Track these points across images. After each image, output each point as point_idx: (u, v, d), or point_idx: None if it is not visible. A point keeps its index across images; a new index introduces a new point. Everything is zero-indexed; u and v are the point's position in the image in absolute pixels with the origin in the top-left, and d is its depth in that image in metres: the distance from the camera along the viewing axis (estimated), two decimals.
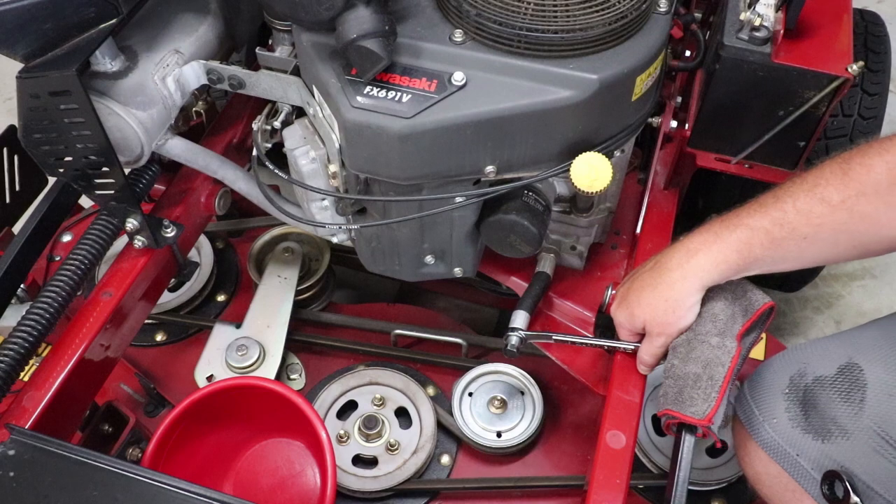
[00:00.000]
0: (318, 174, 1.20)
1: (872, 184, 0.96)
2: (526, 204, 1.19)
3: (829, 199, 0.98)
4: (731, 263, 1.04)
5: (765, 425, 1.04)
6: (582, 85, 1.01)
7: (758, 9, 1.20)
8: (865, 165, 0.97)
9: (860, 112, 1.61)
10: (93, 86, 1.10)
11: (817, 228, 0.98)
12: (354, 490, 1.42)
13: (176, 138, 1.24)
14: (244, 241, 1.84)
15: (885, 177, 0.95)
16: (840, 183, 0.98)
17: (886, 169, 0.95)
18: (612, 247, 1.47)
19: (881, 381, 1.00)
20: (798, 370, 1.06)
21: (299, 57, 1.15)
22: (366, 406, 1.53)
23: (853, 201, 0.96)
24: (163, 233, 1.25)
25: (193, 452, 1.31)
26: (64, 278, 1.15)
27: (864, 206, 0.96)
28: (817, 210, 0.98)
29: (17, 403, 1.09)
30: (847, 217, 0.97)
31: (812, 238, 0.99)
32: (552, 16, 0.99)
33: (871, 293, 2.08)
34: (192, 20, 1.23)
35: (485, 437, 1.46)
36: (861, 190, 0.96)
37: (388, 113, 1.02)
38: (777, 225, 1.01)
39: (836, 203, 0.97)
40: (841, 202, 0.97)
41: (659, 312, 1.09)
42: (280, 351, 1.53)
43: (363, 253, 1.35)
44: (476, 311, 1.90)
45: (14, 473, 0.92)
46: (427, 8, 1.08)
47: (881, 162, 0.96)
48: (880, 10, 1.84)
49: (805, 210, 0.99)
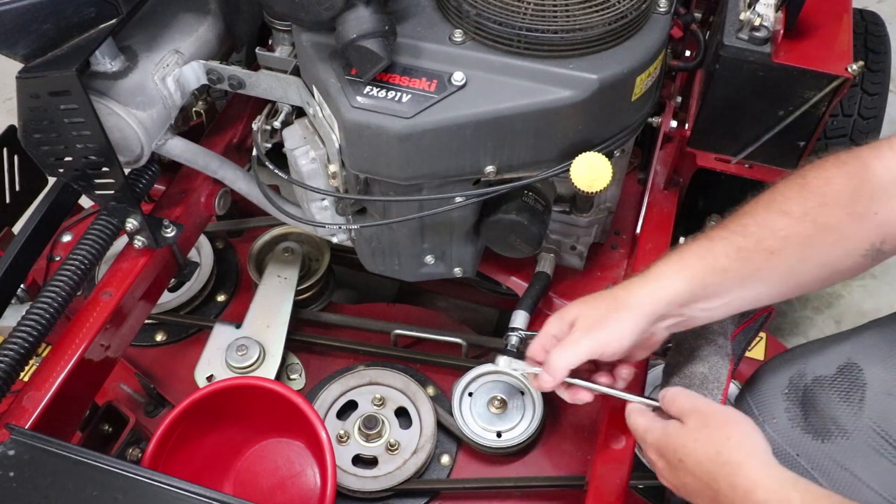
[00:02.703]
0: (318, 174, 1.20)
1: (833, 195, 0.94)
2: (526, 204, 1.19)
3: (790, 211, 0.95)
4: (696, 271, 0.97)
5: (765, 425, 1.04)
6: (582, 85, 1.01)
7: (758, 9, 1.20)
8: (822, 178, 0.95)
9: (860, 112, 1.62)
10: (93, 86, 1.10)
11: (783, 241, 0.95)
12: (354, 490, 1.42)
13: (176, 138, 1.24)
14: (244, 241, 1.84)
15: (845, 187, 0.94)
16: (799, 196, 0.96)
17: (845, 180, 0.94)
18: (612, 247, 1.47)
19: (881, 380, 1.00)
20: (797, 370, 1.06)
21: (299, 57, 1.15)
22: (366, 406, 1.53)
23: (816, 212, 0.94)
24: (163, 233, 1.25)
25: (193, 452, 1.31)
26: (64, 278, 1.15)
27: (828, 216, 0.94)
28: (780, 223, 0.95)
29: (17, 403, 1.09)
30: (812, 229, 0.94)
31: (779, 253, 0.95)
32: (552, 16, 0.99)
33: (871, 293, 2.08)
34: (192, 20, 1.23)
35: (485, 437, 1.46)
36: (822, 201, 0.94)
37: (388, 113, 1.02)
38: (740, 236, 0.97)
39: (799, 215, 0.95)
40: (803, 214, 0.94)
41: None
42: (280, 351, 1.53)
43: (363, 253, 1.35)
44: (476, 311, 1.90)
45: (14, 473, 0.92)
46: (427, 8, 1.08)
47: (839, 174, 0.95)
48: (880, 10, 1.84)
49: (768, 223, 0.96)
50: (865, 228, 0.94)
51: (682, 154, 1.39)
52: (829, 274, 0.98)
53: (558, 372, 0.99)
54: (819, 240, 0.95)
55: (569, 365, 0.99)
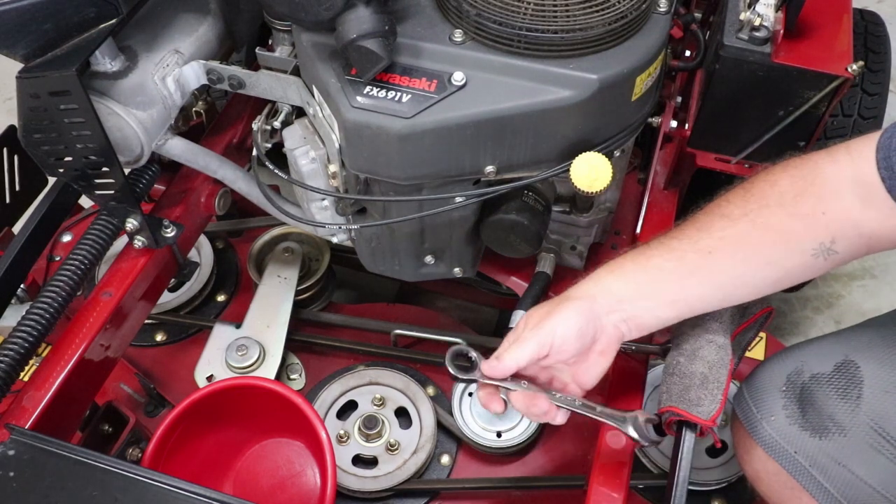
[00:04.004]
0: (318, 174, 1.20)
1: (775, 196, 0.94)
2: (526, 204, 1.19)
3: (729, 214, 0.95)
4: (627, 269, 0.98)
5: (763, 423, 1.04)
6: (582, 85, 1.01)
7: (758, 9, 1.20)
8: (769, 181, 0.96)
9: (860, 112, 1.62)
10: (93, 86, 1.10)
11: (720, 241, 0.95)
12: (354, 490, 1.42)
13: (176, 138, 1.24)
14: (244, 241, 1.84)
15: (788, 189, 0.94)
16: (741, 200, 0.96)
17: (790, 182, 0.94)
18: (612, 247, 1.47)
19: (878, 377, 1.00)
20: (795, 368, 1.06)
21: (299, 57, 1.15)
22: (366, 406, 1.53)
23: (755, 213, 0.94)
24: (163, 233, 1.25)
25: (193, 452, 1.31)
26: (64, 278, 1.15)
27: (768, 216, 0.94)
28: (718, 224, 0.96)
29: (17, 403, 1.09)
30: (750, 227, 0.94)
31: (717, 252, 0.95)
32: (552, 16, 0.99)
33: (871, 293, 2.08)
34: (192, 20, 1.23)
35: (485, 437, 1.46)
36: (763, 203, 0.94)
37: (388, 113, 1.02)
38: (675, 239, 0.97)
39: (738, 216, 0.95)
40: (742, 215, 0.95)
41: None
42: (280, 351, 1.53)
43: (363, 253, 1.35)
44: (476, 311, 1.90)
45: (14, 473, 0.92)
46: (427, 8, 1.08)
47: (786, 176, 0.95)
48: (880, 10, 1.84)
49: (705, 226, 0.96)
50: (811, 227, 0.93)
51: (682, 154, 1.39)
52: (780, 274, 0.97)
53: (507, 368, 0.97)
54: (757, 238, 0.94)
55: (517, 362, 0.96)
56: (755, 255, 0.96)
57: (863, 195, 0.91)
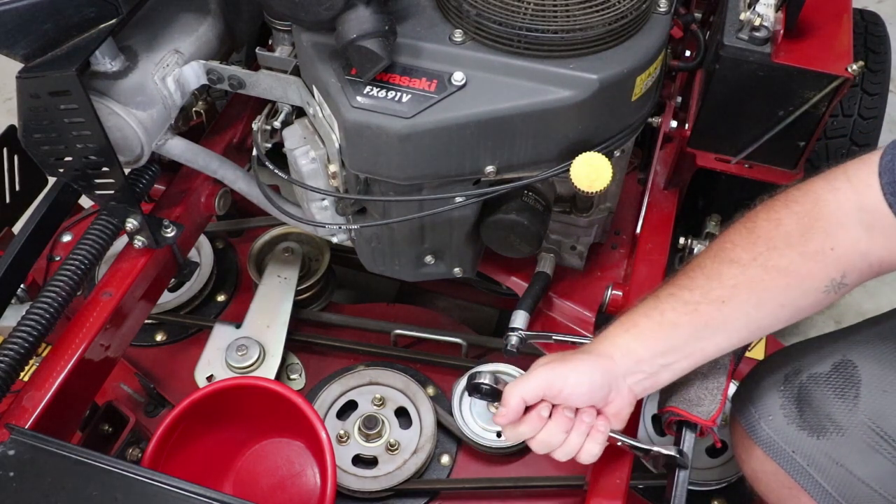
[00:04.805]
0: (318, 174, 1.20)
1: (782, 237, 0.92)
2: (526, 204, 1.19)
3: (738, 259, 0.94)
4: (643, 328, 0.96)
5: (761, 423, 1.04)
6: (582, 85, 1.01)
7: (758, 9, 1.20)
8: (772, 220, 0.94)
9: (860, 112, 1.62)
10: (93, 86, 1.09)
11: (733, 290, 0.93)
12: (354, 490, 1.42)
13: (176, 138, 1.24)
14: (244, 241, 1.84)
15: (794, 228, 0.92)
16: (747, 242, 0.94)
17: (795, 220, 0.92)
18: (612, 247, 1.47)
19: (875, 377, 1.00)
20: (793, 368, 1.06)
21: (299, 57, 1.15)
22: (366, 406, 1.53)
23: (765, 257, 0.92)
24: (163, 233, 1.25)
25: (193, 452, 1.31)
26: (64, 278, 1.15)
27: (777, 259, 0.92)
28: (729, 272, 0.94)
29: (17, 403, 1.09)
30: (762, 273, 0.93)
31: (731, 301, 0.93)
32: (552, 16, 0.99)
33: (872, 293, 2.08)
34: (192, 20, 1.23)
35: (485, 437, 1.46)
36: (771, 245, 0.93)
37: (388, 113, 1.02)
38: (686, 290, 0.95)
39: (747, 261, 0.93)
40: (752, 259, 0.93)
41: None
42: (280, 351, 1.53)
43: (363, 253, 1.35)
44: (476, 311, 1.90)
45: (14, 473, 0.92)
46: (427, 8, 1.08)
47: (789, 214, 0.93)
48: (880, 10, 1.84)
49: (715, 274, 0.94)
50: (821, 266, 0.92)
51: (682, 154, 1.39)
52: (791, 314, 0.96)
53: (512, 399, 0.95)
54: (771, 283, 0.93)
55: (522, 393, 0.95)
56: (769, 300, 0.94)
57: (868, 222, 0.89)
